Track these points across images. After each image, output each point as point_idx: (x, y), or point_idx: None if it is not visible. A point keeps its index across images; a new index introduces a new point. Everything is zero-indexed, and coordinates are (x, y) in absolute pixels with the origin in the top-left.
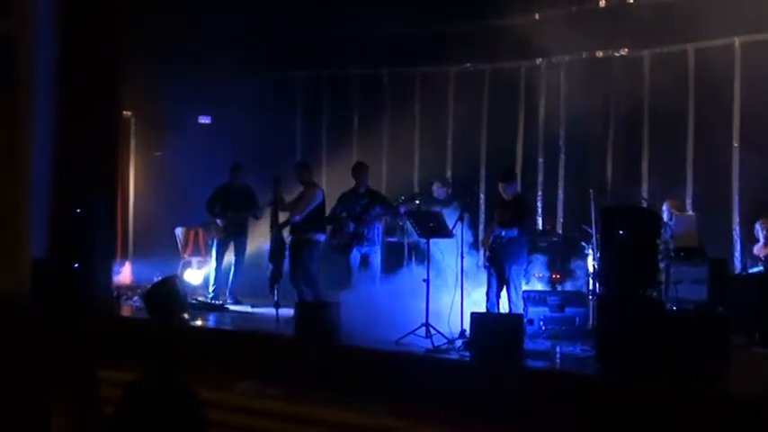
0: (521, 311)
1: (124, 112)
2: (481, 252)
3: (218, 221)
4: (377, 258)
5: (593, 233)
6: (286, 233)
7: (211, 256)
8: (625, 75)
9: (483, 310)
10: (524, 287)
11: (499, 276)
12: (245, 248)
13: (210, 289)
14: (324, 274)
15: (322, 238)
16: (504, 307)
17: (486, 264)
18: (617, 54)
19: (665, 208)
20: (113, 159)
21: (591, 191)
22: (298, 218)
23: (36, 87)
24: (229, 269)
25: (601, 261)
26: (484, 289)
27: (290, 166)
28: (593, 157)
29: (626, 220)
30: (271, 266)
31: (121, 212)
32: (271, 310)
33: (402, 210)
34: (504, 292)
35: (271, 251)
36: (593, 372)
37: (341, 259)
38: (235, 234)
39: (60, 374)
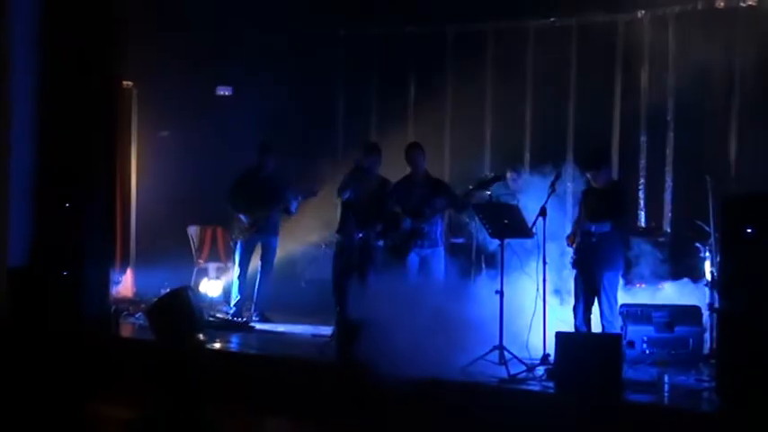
0: (617, 330)
1: (124, 83)
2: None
3: (243, 218)
4: (439, 263)
5: (712, 231)
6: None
7: (233, 261)
8: (753, 30)
9: (571, 329)
10: (622, 299)
11: (589, 286)
12: (274, 253)
13: (232, 303)
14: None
15: (381, 242)
16: (596, 325)
17: (573, 269)
18: (743, 4)
19: None
20: (111, 141)
21: (708, 177)
22: (381, 226)
23: (13, 53)
24: (255, 278)
25: (722, 267)
26: (572, 303)
27: (329, 146)
28: (710, 133)
29: (755, 215)
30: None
31: (121, 207)
32: (306, 329)
33: (469, 201)
34: (596, 306)
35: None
36: (711, 408)
37: (395, 265)
38: (263, 234)
39: (45, 408)
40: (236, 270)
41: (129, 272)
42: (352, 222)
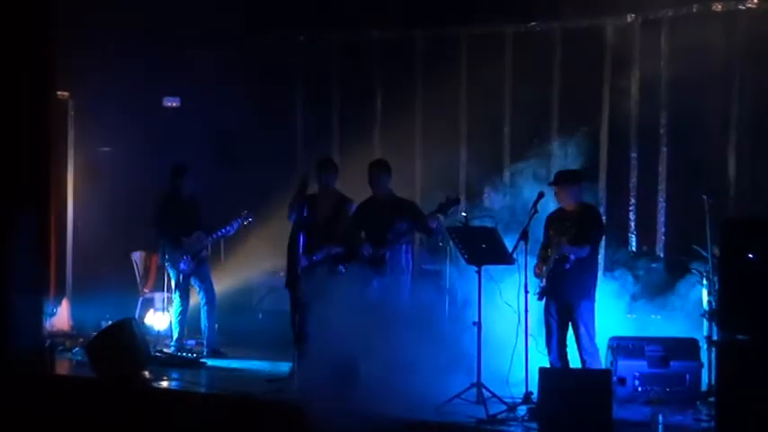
0: (598, 365)
1: (59, 93)
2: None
3: (184, 248)
4: (403, 293)
5: (710, 257)
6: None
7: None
8: (753, 34)
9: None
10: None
11: (562, 316)
12: (211, 282)
13: (174, 335)
14: None
15: (342, 266)
16: (573, 360)
17: (541, 298)
18: (742, 6)
19: None
20: (44, 158)
21: (705, 197)
22: (339, 249)
23: None
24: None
25: (721, 295)
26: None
27: (287, 160)
28: (707, 148)
29: (757, 239)
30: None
31: (56, 230)
32: (262, 366)
33: (433, 224)
34: (569, 339)
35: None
36: None
37: (353, 294)
38: (195, 265)
39: None
40: (175, 300)
41: (64, 302)
42: (298, 247)
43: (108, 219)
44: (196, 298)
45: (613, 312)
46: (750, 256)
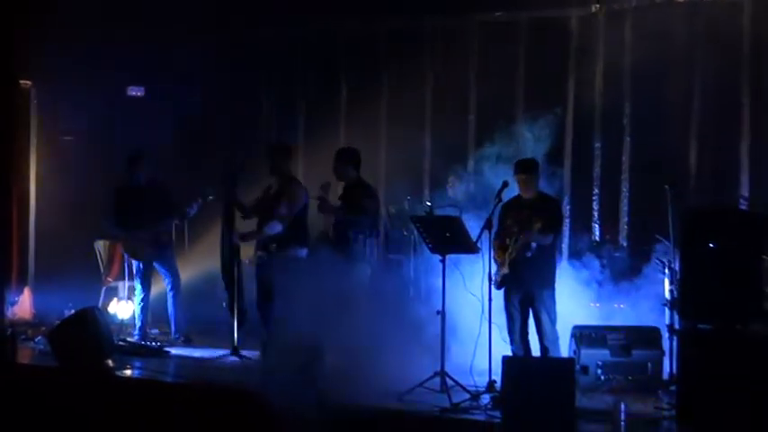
0: (560, 353)
1: (21, 82)
2: (495, 272)
3: (142, 234)
4: (359, 281)
5: (672, 246)
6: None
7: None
8: (718, 25)
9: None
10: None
11: (524, 304)
12: (176, 268)
13: (137, 324)
14: None
15: (304, 253)
16: (535, 348)
17: (500, 288)
18: None
19: None
20: (6, 146)
21: (667, 187)
22: (279, 227)
23: None
24: (165, 299)
25: (682, 284)
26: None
27: (252, 149)
28: (670, 139)
29: (718, 228)
30: (226, 294)
31: (18, 218)
32: (225, 354)
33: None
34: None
35: (224, 272)
36: None
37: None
38: (156, 251)
39: None
40: (137, 288)
41: (26, 291)
42: (227, 230)
43: (71, 207)
44: (161, 285)
45: (577, 301)
46: (711, 245)
